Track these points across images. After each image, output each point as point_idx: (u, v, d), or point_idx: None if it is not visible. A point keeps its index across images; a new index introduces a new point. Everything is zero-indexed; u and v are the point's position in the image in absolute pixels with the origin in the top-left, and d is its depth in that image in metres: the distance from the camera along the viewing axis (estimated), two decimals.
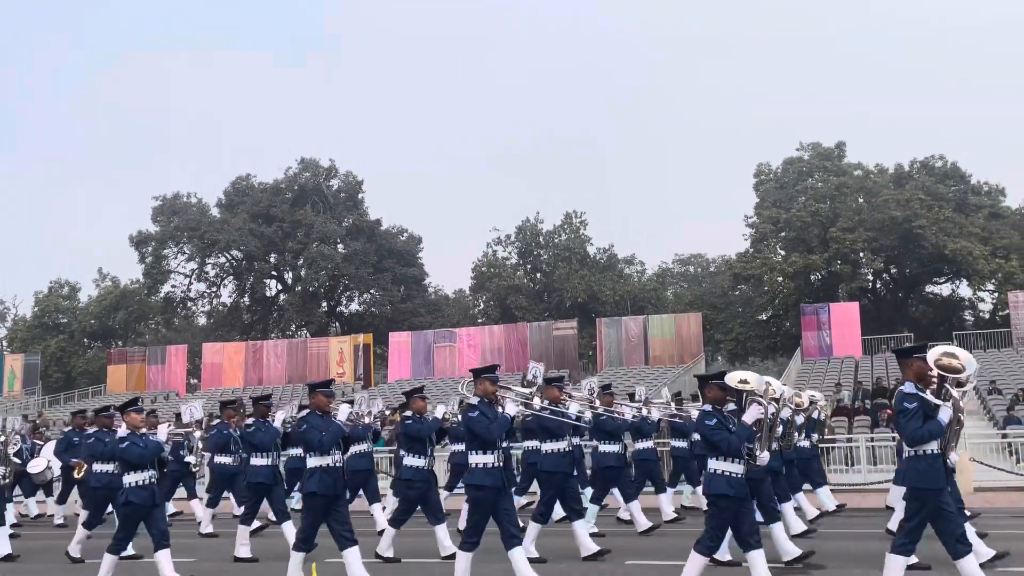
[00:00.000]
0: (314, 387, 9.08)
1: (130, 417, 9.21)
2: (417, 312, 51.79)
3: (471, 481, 8.07)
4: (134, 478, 8.91)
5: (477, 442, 8.05)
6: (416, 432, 10.67)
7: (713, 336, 43.41)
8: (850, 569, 9.20)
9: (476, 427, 8.04)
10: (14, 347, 56.64)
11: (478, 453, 8.04)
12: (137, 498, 8.86)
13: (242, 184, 54.77)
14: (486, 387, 8.36)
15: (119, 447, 9.02)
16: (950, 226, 38.33)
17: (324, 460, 8.54)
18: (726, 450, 7.39)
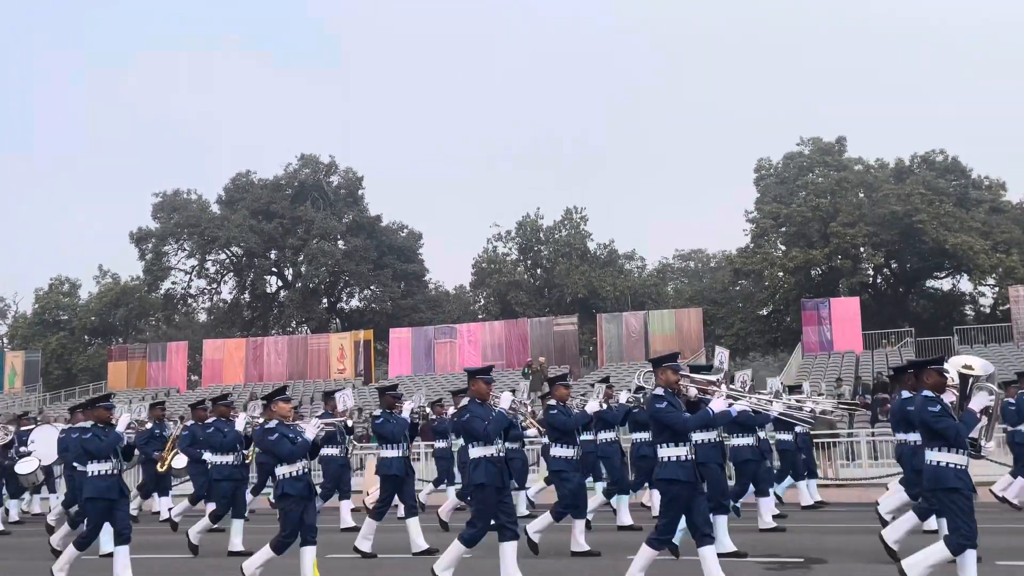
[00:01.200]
0: (474, 374, 8.69)
1: (279, 407, 8.87)
2: (417, 308, 51.78)
3: (663, 475, 7.60)
4: (287, 470, 8.51)
5: (667, 434, 7.58)
6: None
7: (714, 331, 43.36)
8: (851, 564, 9.20)
9: (667, 418, 7.58)
10: (15, 344, 56.64)
11: (669, 446, 7.58)
12: (293, 490, 8.46)
13: (242, 181, 54.73)
14: (668, 376, 7.85)
15: (267, 440, 8.61)
16: (951, 221, 38.29)
17: (488, 450, 8.18)
18: (953, 439, 7.01)
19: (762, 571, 8.94)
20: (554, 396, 10.63)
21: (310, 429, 8.70)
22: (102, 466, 9.23)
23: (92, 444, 9.25)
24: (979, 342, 33.81)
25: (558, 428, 10.18)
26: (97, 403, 9.72)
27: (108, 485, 9.16)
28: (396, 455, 10.78)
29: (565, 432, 10.16)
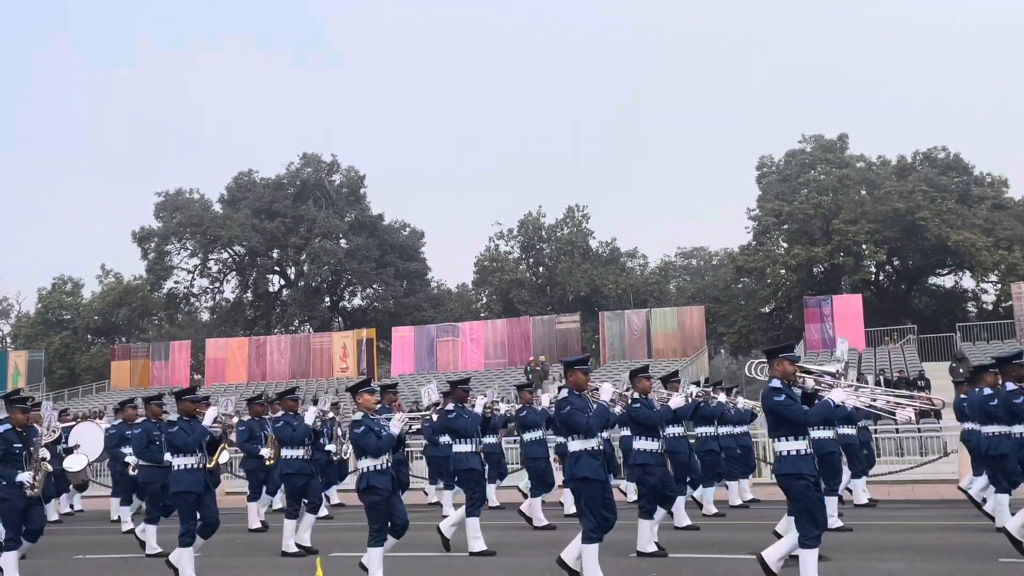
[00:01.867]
0: (571, 364, 8.48)
1: (364, 399, 8.73)
2: (420, 306, 51.81)
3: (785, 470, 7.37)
4: (371, 463, 8.44)
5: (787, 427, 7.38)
6: None
7: (716, 329, 43.41)
8: (853, 560, 9.22)
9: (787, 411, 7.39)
10: (18, 344, 56.70)
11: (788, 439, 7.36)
12: (379, 483, 8.39)
13: (244, 180, 54.76)
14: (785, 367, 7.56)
15: (354, 433, 8.54)
16: (953, 218, 38.27)
17: (589, 443, 8.02)
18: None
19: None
20: (637, 389, 10.37)
21: (395, 423, 8.65)
22: (187, 460, 9.17)
23: (179, 438, 9.13)
24: (981, 339, 33.81)
25: (641, 422, 9.93)
26: (183, 396, 9.51)
27: (195, 479, 9.10)
28: (470, 450, 10.75)
29: (649, 426, 9.91)
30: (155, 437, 11.83)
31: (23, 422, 9.31)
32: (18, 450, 9.17)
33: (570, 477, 8.06)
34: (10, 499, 9.04)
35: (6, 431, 9.20)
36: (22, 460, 9.13)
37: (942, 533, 11.07)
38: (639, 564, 9.47)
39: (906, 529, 11.76)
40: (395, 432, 8.54)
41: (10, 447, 9.11)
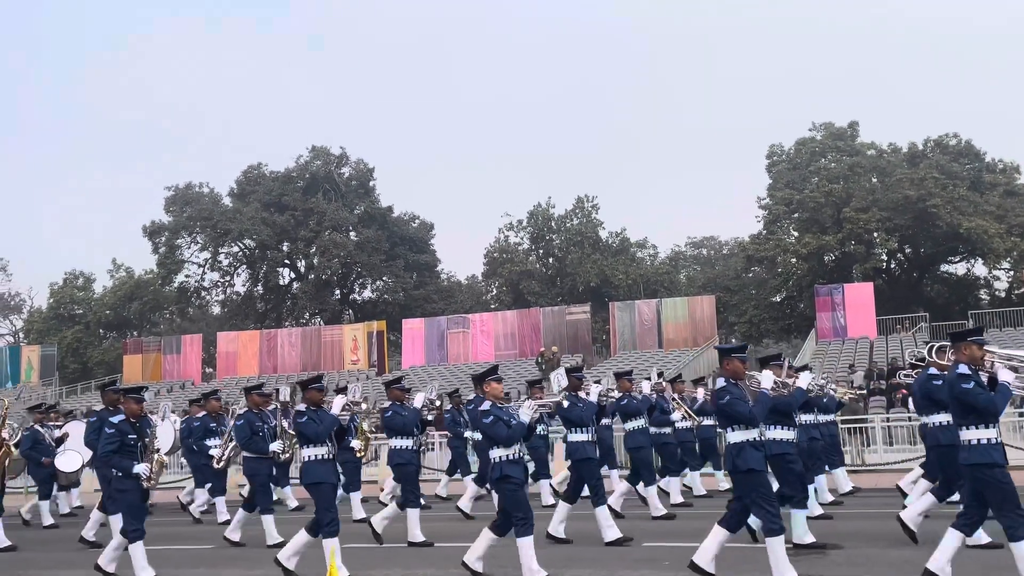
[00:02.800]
0: (728, 352, 8.15)
1: (492, 387, 8.63)
2: (430, 299, 51.85)
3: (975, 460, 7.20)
4: (503, 453, 8.30)
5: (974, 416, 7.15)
6: None
7: (727, 319, 43.30)
8: (867, 548, 9.19)
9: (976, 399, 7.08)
10: (31, 339, 57.06)
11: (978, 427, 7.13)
12: (514, 472, 8.25)
13: (254, 173, 54.87)
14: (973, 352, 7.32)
15: (483, 422, 8.40)
16: (965, 205, 38.03)
17: (751, 434, 7.72)
18: None
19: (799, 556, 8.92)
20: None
21: (525, 411, 8.43)
22: (318, 450, 8.91)
23: (309, 428, 8.87)
24: (994, 326, 33.64)
25: (780, 409, 9.10)
26: (310, 385, 9.25)
27: (327, 469, 8.87)
28: (587, 439, 10.64)
29: (785, 413, 9.23)
30: (258, 428, 11.68)
31: (137, 412, 9.33)
32: (133, 441, 9.15)
33: (733, 469, 7.71)
34: (128, 490, 9.05)
35: (121, 422, 9.22)
36: (137, 451, 9.11)
37: None
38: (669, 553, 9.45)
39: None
40: (525, 420, 8.34)
41: (125, 438, 9.09)
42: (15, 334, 65.69)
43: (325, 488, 8.83)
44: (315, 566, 8.65)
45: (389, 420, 11.15)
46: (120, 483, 9.10)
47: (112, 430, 9.18)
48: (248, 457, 11.79)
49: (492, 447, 8.38)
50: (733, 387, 7.77)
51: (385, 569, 9.28)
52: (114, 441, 9.11)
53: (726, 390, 7.75)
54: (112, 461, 9.12)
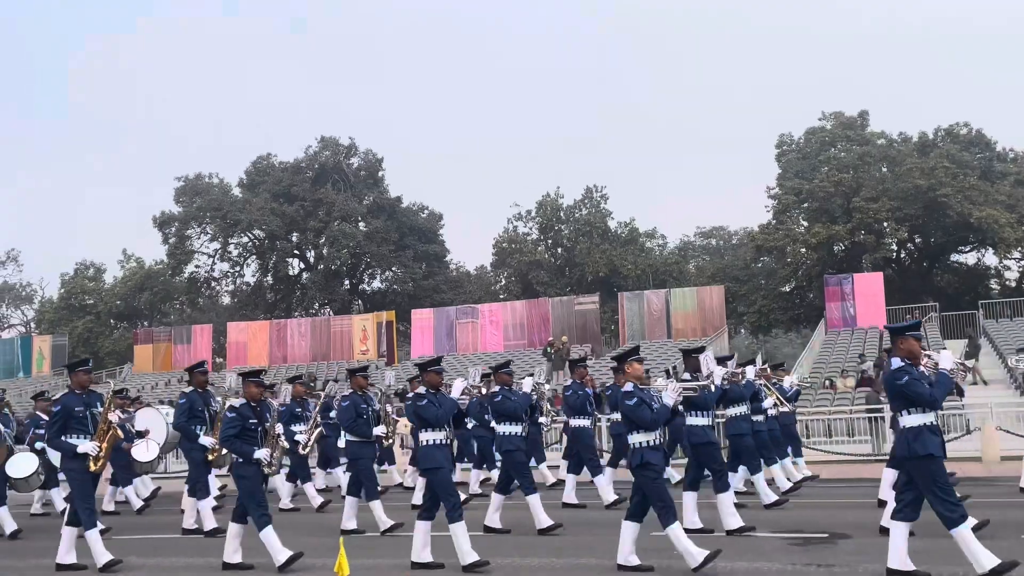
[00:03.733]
0: (902, 331, 7.90)
1: (633, 368, 8.28)
2: (439, 289, 51.90)
3: None
4: (644, 438, 8.08)
5: None
6: None
7: (736, 309, 43.22)
8: (875, 538, 9.21)
9: None
10: (42, 329, 57.34)
11: None
12: (654, 459, 8.02)
13: (263, 164, 54.95)
14: None
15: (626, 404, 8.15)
16: (975, 194, 37.86)
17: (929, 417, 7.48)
18: None
19: (787, 546, 8.97)
20: None
21: (669, 394, 8.14)
22: (436, 435, 8.73)
23: (429, 411, 8.66)
24: (1004, 316, 33.57)
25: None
26: (429, 367, 9.08)
27: (445, 454, 8.68)
28: (707, 423, 10.52)
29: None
30: (363, 411, 11.35)
31: (257, 396, 9.13)
32: (254, 426, 8.96)
33: (909, 455, 7.34)
34: (249, 476, 8.85)
35: (242, 406, 9.01)
36: (258, 436, 8.94)
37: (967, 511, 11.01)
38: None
39: (928, 507, 11.70)
40: (669, 403, 8.08)
41: (246, 423, 8.90)
42: (27, 324, 66.05)
43: (444, 473, 8.62)
44: (322, 554, 8.69)
45: (499, 405, 10.93)
46: (241, 469, 8.87)
47: (233, 414, 8.98)
48: (351, 441, 11.46)
49: (632, 431, 8.02)
50: (911, 367, 7.45)
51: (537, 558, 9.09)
52: (235, 425, 8.89)
53: (904, 370, 7.40)
54: (233, 446, 8.90)
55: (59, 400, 9.45)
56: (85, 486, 9.17)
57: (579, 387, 13.10)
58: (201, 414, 11.55)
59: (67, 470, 9.33)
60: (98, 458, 9.05)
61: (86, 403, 9.34)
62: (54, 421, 9.33)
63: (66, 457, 9.26)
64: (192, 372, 12.16)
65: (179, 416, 11.66)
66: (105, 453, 9.15)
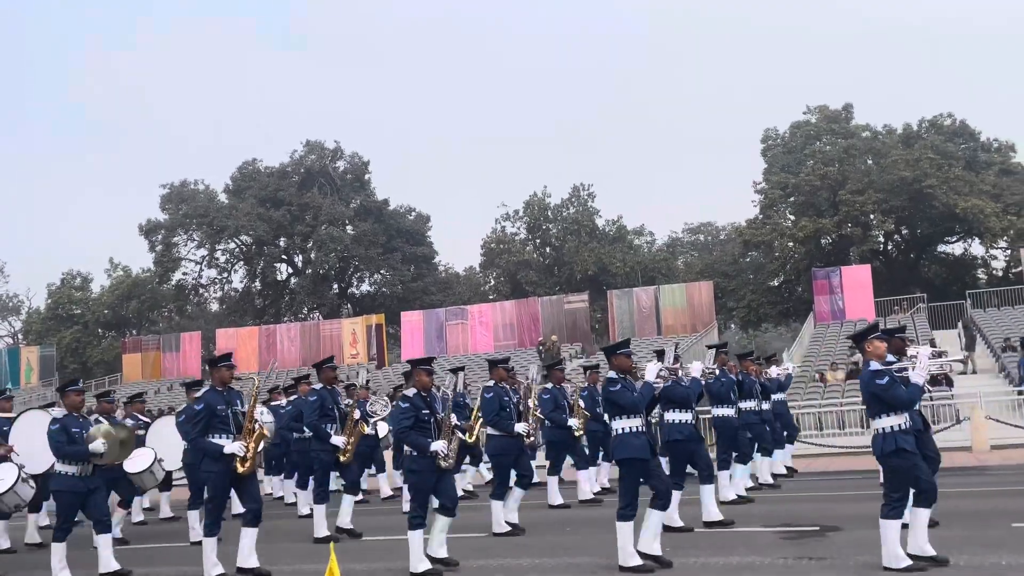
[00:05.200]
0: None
1: (875, 346, 7.92)
2: (428, 291, 51.85)
3: None
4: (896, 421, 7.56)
5: None
6: None
7: (725, 304, 43.30)
8: (865, 531, 9.19)
9: None
10: (29, 340, 57.05)
11: None
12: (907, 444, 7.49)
13: (248, 169, 54.81)
14: None
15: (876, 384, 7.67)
16: (960, 184, 38.02)
17: None
18: None
19: (779, 540, 8.95)
20: None
21: (919, 373, 7.54)
22: (633, 422, 8.10)
23: (624, 397, 8.09)
24: (992, 305, 33.69)
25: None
26: (617, 351, 8.48)
27: (643, 443, 8.00)
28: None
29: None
30: (506, 403, 10.79)
31: (428, 385, 8.65)
32: (427, 416, 8.45)
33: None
34: (421, 471, 8.30)
35: (415, 396, 8.51)
36: (431, 427, 8.44)
37: (956, 500, 11.03)
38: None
39: (944, 497, 11.73)
40: (919, 382, 7.60)
41: (420, 413, 8.41)
42: (14, 335, 65.68)
43: (638, 464, 8.06)
44: (318, 560, 8.64)
45: (668, 391, 10.13)
46: (413, 463, 8.35)
47: (406, 404, 8.50)
48: (493, 435, 10.88)
49: (885, 414, 7.50)
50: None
51: None
52: (409, 416, 8.39)
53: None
54: (409, 438, 8.36)
55: (201, 398, 8.77)
56: (222, 490, 8.65)
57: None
58: (332, 412, 10.93)
59: (208, 472, 8.66)
60: (245, 459, 8.47)
61: (227, 400, 8.72)
62: (196, 420, 8.61)
63: (209, 458, 8.62)
64: (321, 368, 11.42)
65: (310, 415, 11.02)
66: (252, 454, 8.57)
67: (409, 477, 8.54)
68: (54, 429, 9.03)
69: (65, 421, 9.12)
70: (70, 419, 9.20)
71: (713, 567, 7.82)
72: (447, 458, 8.31)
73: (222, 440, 8.53)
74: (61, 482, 9.03)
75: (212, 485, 8.65)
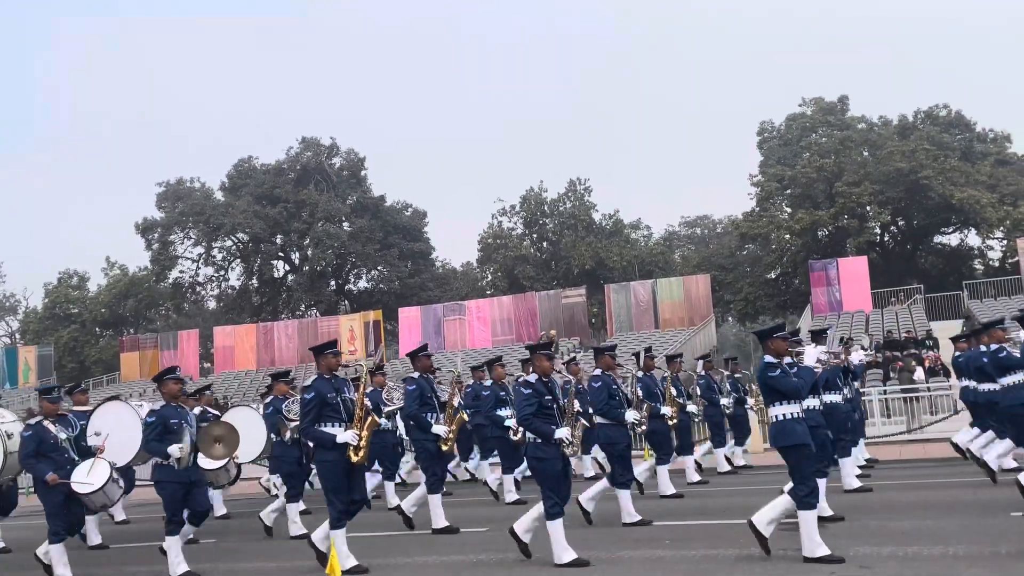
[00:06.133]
0: None
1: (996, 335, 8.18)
2: (425, 286, 51.84)
3: None
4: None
5: None
6: None
7: (722, 297, 43.34)
8: (867, 519, 9.23)
9: None
10: (27, 339, 56.98)
11: None
12: None
13: (244, 166, 54.72)
14: None
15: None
16: (956, 175, 38.03)
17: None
18: None
19: (777, 532, 8.95)
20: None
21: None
22: (792, 408, 7.87)
23: (785, 383, 7.89)
24: (989, 296, 33.73)
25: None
26: (774, 334, 8.22)
27: (803, 430, 7.82)
28: None
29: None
30: (615, 392, 10.59)
31: (548, 370, 8.40)
32: (549, 402, 8.21)
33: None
34: (548, 458, 8.05)
35: (537, 381, 8.28)
36: (554, 413, 8.20)
37: (954, 491, 11.08)
38: (651, 532, 9.49)
39: (918, 488, 11.78)
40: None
41: (543, 399, 8.20)
42: (11, 335, 65.60)
43: (807, 451, 7.80)
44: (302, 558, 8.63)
45: None
46: (538, 450, 8.08)
47: (529, 390, 8.25)
48: (603, 424, 10.62)
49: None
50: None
51: None
52: (532, 403, 8.14)
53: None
54: (532, 425, 8.09)
55: (311, 386, 8.43)
56: (338, 480, 8.29)
57: None
58: (431, 401, 10.74)
59: (321, 462, 8.40)
60: (358, 448, 8.22)
61: (336, 388, 8.44)
62: (308, 409, 8.34)
63: (322, 448, 8.34)
64: (416, 357, 11.19)
65: (410, 404, 10.74)
66: (365, 442, 8.28)
67: (535, 466, 8.18)
68: (151, 421, 8.81)
69: (164, 412, 8.86)
70: (168, 409, 8.91)
71: (714, 558, 7.84)
72: (571, 445, 8.11)
73: (334, 429, 8.27)
74: (165, 473, 8.79)
75: (327, 475, 8.36)
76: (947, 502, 10.14)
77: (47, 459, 9.11)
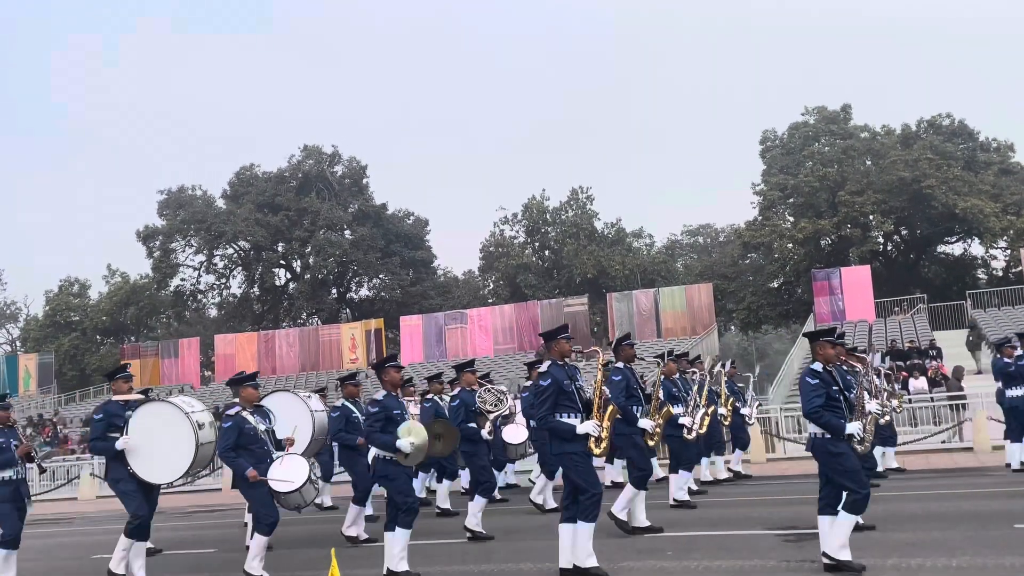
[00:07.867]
0: None
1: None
2: (427, 295, 51.80)
3: None
4: None
5: None
6: None
7: (725, 306, 43.26)
8: (866, 535, 9.10)
9: None
10: (28, 347, 56.97)
11: None
12: None
13: (246, 174, 54.77)
14: None
15: None
16: (960, 184, 37.97)
17: None
18: None
19: (780, 543, 8.85)
20: None
21: None
22: None
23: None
24: (992, 305, 33.61)
25: None
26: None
27: None
28: None
29: None
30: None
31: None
32: (836, 393, 7.69)
33: None
34: (845, 453, 7.50)
35: (822, 370, 7.68)
36: (842, 407, 7.65)
37: (958, 501, 10.95)
38: (653, 542, 9.38)
39: (922, 499, 11.65)
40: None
41: (830, 390, 7.61)
42: (12, 343, 65.62)
43: None
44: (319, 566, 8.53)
45: None
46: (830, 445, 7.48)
47: (815, 380, 7.67)
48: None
49: None
50: None
51: None
52: (820, 394, 7.57)
53: None
54: (822, 419, 7.49)
55: (547, 373, 8.00)
56: (589, 472, 7.80)
57: None
58: (637, 393, 10.11)
59: (562, 454, 7.91)
60: (600, 439, 7.77)
61: (570, 375, 8.07)
62: (544, 398, 7.88)
63: (562, 439, 7.87)
64: (619, 346, 10.65)
65: (617, 396, 9.84)
66: (606, 432, 7.85)
67: (829, 460, 7.50)
68: (374, 412, 8.39)
69: (386, 403, 8.44)
70: (391, 400, 8.52)
71: (716, 570, 7.72)
72: (863, 441, 7.65)
73: (572, 420, 7.84)
74: (387, 467, 8.37)
75: (571, 467, 7.85)
76: (951, 513, 10.01)
77: (247, 451, 8.80)
